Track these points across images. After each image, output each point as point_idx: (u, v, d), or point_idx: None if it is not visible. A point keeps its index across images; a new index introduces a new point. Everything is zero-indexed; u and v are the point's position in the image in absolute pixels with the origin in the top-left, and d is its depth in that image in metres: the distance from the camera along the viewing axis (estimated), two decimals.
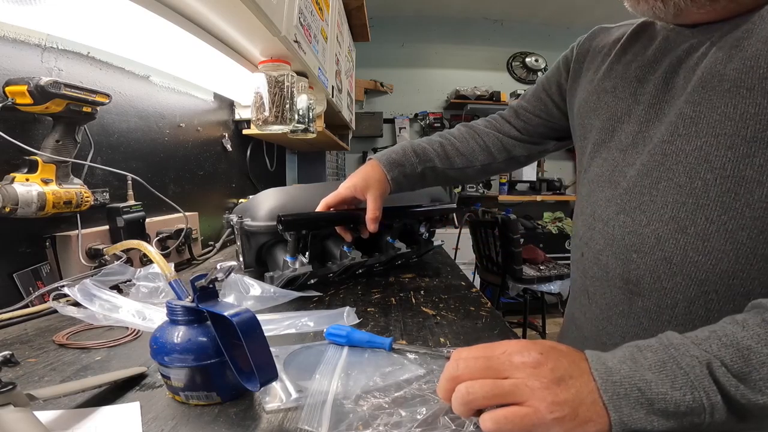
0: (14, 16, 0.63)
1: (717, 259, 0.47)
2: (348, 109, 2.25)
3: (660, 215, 0.51)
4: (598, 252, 0.58)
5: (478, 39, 3.80)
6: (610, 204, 0.57)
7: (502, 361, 0.34)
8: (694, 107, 0.49)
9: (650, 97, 0.55)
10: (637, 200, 0.53)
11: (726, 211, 0.46)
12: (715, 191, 0.47)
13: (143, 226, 0.83)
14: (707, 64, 0.49)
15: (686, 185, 0.49)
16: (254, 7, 0.76)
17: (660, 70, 0.56)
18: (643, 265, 0.52)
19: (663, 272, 0.51)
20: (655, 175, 0.52)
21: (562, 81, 0.74)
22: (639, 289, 0.53)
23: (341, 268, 0.77)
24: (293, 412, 0.36)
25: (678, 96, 0.52)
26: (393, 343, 0.49)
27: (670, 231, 0.50)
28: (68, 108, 0.64)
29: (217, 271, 0.37)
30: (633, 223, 0.53)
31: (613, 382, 0.32)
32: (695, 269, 0.48)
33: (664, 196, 0.50)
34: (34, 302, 0.64)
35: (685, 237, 0.49)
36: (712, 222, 0.47)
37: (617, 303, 0.56)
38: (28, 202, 0.60)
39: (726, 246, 0.46)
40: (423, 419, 0.35)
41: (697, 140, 0.48)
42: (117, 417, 0.36)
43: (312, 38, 1.20)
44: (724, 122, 0.47)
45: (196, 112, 1.20)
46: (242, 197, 1.48)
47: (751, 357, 0.32)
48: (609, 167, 0.58)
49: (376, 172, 0.74)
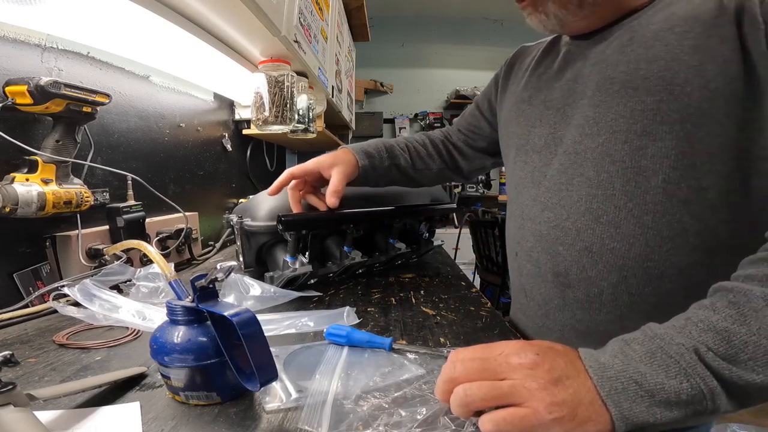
0: (14, 16, 0.63)
1: (630, 244, 0.51)
2: (348, 109, 2.25)
3: (577, 208, 0.55)
4: (530, 249, 0.63)
5: (478, 39, 3.80)
6: (535, 203, 0.62)
7: (499, 362, 0.34)
8: (594, 109, 0.55)
9: (557, 103, 0.62)
10: (557, 196, 0.58)
11: (631, 199, 0.51)
12: (619, 181, 0.52)
13: (143, 226, 0.83)
14: (600, 70, 0.56)
15: (594, 178, 0.54)
16: (254, 7, 0.76)
17: (564, 78, 0.62)
18: (569, 256, 0.56)
19: (586, 262, 0.55)
20: (569, 172, 0.57)
21: (492, 98, 0.83)
22: (568, 281, 0.57)
23: (341, 268, 0.77)
24: (293, 412, 0.36)
25: (579, 99, 0.58)
26: (393, 343, 0.49)
27: (587, 222, 0.54)
28: (68, 108, 0.64)
29: (217, 271, 0.37)
30: (556, 218, 0.58)
31: (608, 378, 0.32)
32: (613, 256, 0.53)
33: (579, 191, 0.55)
34: (34, 302, 0.64)
35: (600, 226, 0.53)
36: (621, 209, 0.52)
37: (552, 297, 0.60)
38: (28, 202, 0.60)
39: (636, 230, 0.51)
40: (423, 419, 0.35)
41: (599, 138, 0.54)
42: (117, 417, 0.36)
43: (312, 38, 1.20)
44: (618, 120, 0.52)
45: (196, 112, 1.20)
46: (242, 197, 1.48)
47: (732, 338, 0.32)
48: (530, 169, 0.64)
49: (347, 155, 0.77)
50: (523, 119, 0.67)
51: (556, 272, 0.58)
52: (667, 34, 0.51)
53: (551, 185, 0.59)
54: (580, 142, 0.56)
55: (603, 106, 0.54)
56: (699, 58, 0.48)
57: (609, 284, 0.53)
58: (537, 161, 0.63)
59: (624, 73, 0.53)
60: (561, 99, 0.61)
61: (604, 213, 0.53)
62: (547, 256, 0.59)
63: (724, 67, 0.47)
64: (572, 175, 0.57)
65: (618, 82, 0.53)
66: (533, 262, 0.62)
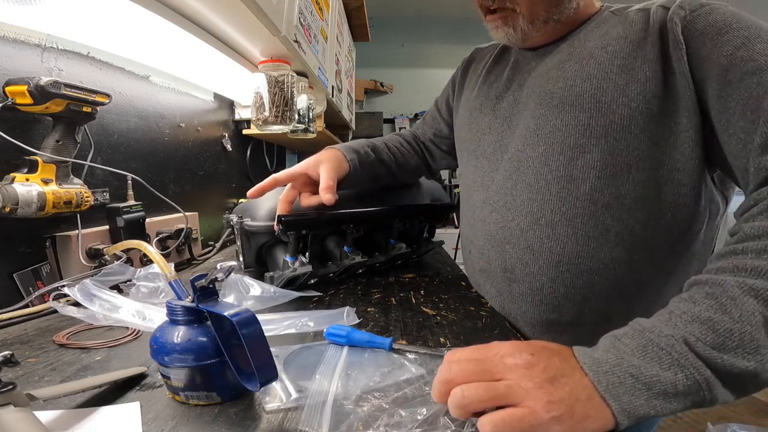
0: (14, 16, 0.63)
1: (564, 243, 0.57)
2: (348, 109, 2.25)
3: (520, 210, 0.60)
4: (481, 247, 0.67)
5: (478, 39, 3.76)
6: (485, 205, 0.66)
7: (494, 363, 0.35)
8: (536, 121, 0.60)
9: (504, 112, 0.67)
10: (503, 200, 0.63)
11: (564, 203, 0.57)
12: (555, 188, 0.57)
13: (143, 226, 0.83)
14: (541, 84, 0.61)
15: (534, 185, 0.59)
16: (254, 7, 0.76)
17: (511, 88, 0.67)
18: (515, 254, 0.61)
19: (529, 259, 0.60)
20: (514, 178, 0.62)
21: (450, 100, 0.87)
22: (514, 276, 0.62)
23: (341, 268, 0.77)
24: (293, 412, 0.36)
25: (523, 110, 0.63)
26: (393, 343, 0.48)
27: (528, 223, 0.59)
28: (68, 108, 0.64)
29: (217, 271, 0.37)
30: (503, 219, 0.63)
31: (604, 372, 0.33)
32: (550, 253, 0.58)
33: (521, 195, 0.60)
34: (34, 302, 0.64)
35: (539, 227, 0.59)
36: (556, 212, 0.57)
37: (501, 291, 0.65)
38: (28, 202, 0.60)
39: (568, 231, 0.57)
40: (423, 419, 0.35)
41: (539, 148, 0.59)
42: (117, 417, 0.36)
43: (312, 38, 1.20)
44: (555, 133, 0.58)
45: (196, 112, 1.20)
46: (242, 197, 1.48)
47: (716, 327, 0.33)
48: (480, 173, 0.69)
49: (332, 153, 0.77)
50: (474, 126, 0.72)
51: (504, 268, 0.63)
52: (601, 53, 0.56)
53: (498, 189, 0.64)
54: (523, 150, 0.61)
55: (543, 119, 0.59)
56: (625, 78, 0.53)
57: (548, 279, 0.59)
58: (486, 166, 0.68)
59: (562, 89, 0.58)
60: (507, 109, 0.66)
61: (542, 215, 0.58)
62: (496, 253, 0.64)
63: (645, 86, 0.52)
64: (516, 180, 0.61)
65: (557, 97, 0.58)
66: (485, 259, 0.67)
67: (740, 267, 0.36)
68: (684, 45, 0.49)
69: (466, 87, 0.80)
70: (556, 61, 0.61)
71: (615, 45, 0.55)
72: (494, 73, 0.73)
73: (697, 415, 1.78)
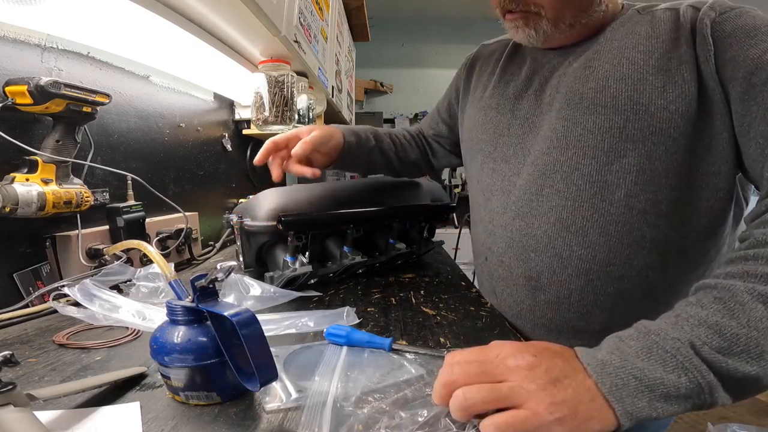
0: (14, 16, 0.63)
1: (595, 251, 0.55)
2: (348, 109, 2.25)
3: (548, 218, 0.58)
4: (501, 255, 0.65)
5: (478, 39, 3.77)
6: (506, 211, 0.63)
7: (496, 364, 0.34)
8: (563, 123, 0.57)
9: (524, 113, 0.63)
10: (528, 206, 0.60)
11: (597, 210, 0.54)
12: (587, 194, 0.55)
13: (143, 226, 0.83)
14: (569, 84, 0.58)
15: (564, 191, 0.56)
16: (254, 7, 0.76)
17: (532, 88, 0.64)
18: (541, 262, 0.59)
19: (557, 267, 0.58)
20: (539, 183, 0.59)
21: (452, 100, 0.85)
22: (540, 284, 0.60)
23: (341, 268, 0.77)
24: (293, 412, 0.36)
25: (546, 111, 0.60)
26: (393, 343, 0.48)
27: (557, 230, 0.57)
28: (68, 108, 0.64)
29: (217, 271, 0.37)
30: (527, 226, 0.60)
31: (608, 374, 0.33)
32: (580, 261, 0.56)
33: (549, 201, 0.58)
34: (34, 302, 0.64)
35: (569, 234, 0.56)
36: (588, 219, 0.55)
37: (523, 299, 0.62)
38: (28, 202, 0.60)
39: (600, 239, 0.54)
40: (424, 422, 0.34)
41: (568, 152, 0.56)
42: (117, 417, 0.36)
43: (312, 38, 1.20)
44: (587, 136, 0.55)
45: (196, 112, 1.20)
46: (242, 197, 1.48)
47: (724, 331, 0.33)
48: (499, 177, 0.66)
49: (329, 127, 0.77)
50: (490, 126, 0.68)
51: (528, 276, 0.61)
52: (633, 52, 0.54)
53: (521, 195, 0.61)
54: (548, 154, 0.58)
55: (572, 121, 0.56)
56: (662, 79, 0.51)
57: (577, 286, 0.57)
58: (506, 170, 0.65)
59: (593, 90, 0.55)
60: (527, 109, 0.63)
61: (572, 223, 0.56)
62: (518, 261, 0.61)
63: (683, 89, 0.50)
64: (542, 185, 0.59)
65: (587, 98, 0.55)
66: (505, 267, 0.64)
67: (750, 273, 0.36)
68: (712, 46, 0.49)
69: (475, 85, 0.77)
70: (582, 59, 0.58)
71: (646, 44, 0.53)
72: (510, 71, 0.69)
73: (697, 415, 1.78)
